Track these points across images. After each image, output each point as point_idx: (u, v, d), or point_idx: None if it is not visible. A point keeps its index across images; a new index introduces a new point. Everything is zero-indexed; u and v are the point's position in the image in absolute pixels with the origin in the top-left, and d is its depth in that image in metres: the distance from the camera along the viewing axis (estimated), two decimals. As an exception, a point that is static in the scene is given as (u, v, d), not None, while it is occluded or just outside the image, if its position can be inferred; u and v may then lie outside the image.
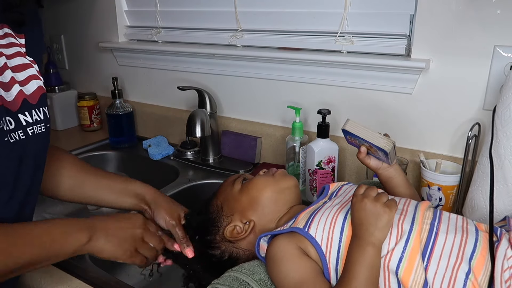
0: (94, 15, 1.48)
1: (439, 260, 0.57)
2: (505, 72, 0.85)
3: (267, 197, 0.74)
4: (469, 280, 0.55)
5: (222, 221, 0.75)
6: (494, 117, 0.76)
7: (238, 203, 0.75)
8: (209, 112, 1.19)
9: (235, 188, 0.77)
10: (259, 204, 0.74)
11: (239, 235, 0.73)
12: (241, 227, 0.73)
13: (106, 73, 1.51)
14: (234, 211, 0.74)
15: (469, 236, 0.59)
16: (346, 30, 1.02)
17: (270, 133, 1.20)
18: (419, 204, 0.66)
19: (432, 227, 0.61)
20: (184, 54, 1.28)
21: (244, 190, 0.76)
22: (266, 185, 0.75)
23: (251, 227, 0.72)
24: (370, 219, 0.60)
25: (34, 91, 0.65)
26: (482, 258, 0.57)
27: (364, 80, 1.01)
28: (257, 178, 0.77)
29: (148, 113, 1.45)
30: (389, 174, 0.78)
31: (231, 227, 0.73)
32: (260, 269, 0.66)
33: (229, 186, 0.78)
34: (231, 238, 0.73)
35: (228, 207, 0.75)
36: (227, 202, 0.76)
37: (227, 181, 0.80)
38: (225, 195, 0.77)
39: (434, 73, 0.94)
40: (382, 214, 0.60)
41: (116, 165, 1.40)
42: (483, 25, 0.86)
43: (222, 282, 0.62)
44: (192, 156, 1.27)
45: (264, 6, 1.14)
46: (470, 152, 0.88)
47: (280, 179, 0.76)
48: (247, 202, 0.74)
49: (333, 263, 0.62)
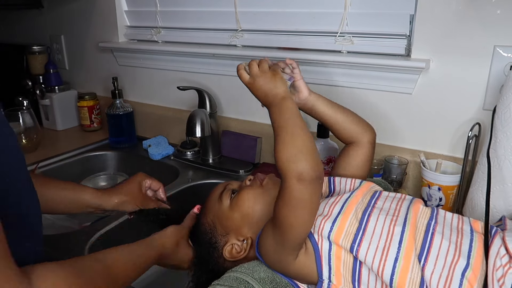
0: (94, 15, 1.48)
1: (436, 259, 0.57)
2: (505, 72, 0.85)
3: (259, 210, 0.71)
4: (465, 278, 0.55)
5: (219, 241, 0.72)
6: (494, 117, 0.76)
7: (230, 221, 0.72)
8: (209, 112, 1.19)
9: (224, 205, 0.73)
10: (252, 219, 0.71)
11: (239, 254, 0.70)
12: (239, 245, 0.71)
13: (106, 73, 1.51)
14: (229, 230, 0.72)
15: (464, 237, 0.60)
16: (346, 30, 1.02)
17: (270, 133, 1.18)
18: (412, 204, 0.66)
19: (429, 227, 0.61)
20: (184, 54, 1.28)
21: (234, 207, 0.72)
22: (256, 199, 0.72)
23: (249, 245, 0.70)
24: (269, 87, 0.69)
25: None
26: (478, 258, 0.57)
27: (364, 80, 1.01)
28: (245, 191, 0.73)
29: (148, 113, 1.45)
30: (308, 103, 0.80)
31: (229, 247, 0.71)
32: (259, 268, 0.66)
33: (216, 202, 0.74)
34: (231, 258, 0.71)
35: (221, 225, 0.72)
36: (218, 220, 0.73)
37: (213, 195, 0.76)
38: (214, 213, 0.74)
39: (434, 73, 0.94)
40: (273, 77, 0.70)
41: (116, 165, 1.40)
42: (483, 25, 0.86)
43: (222, 283, 0.62)
44: (192, 156, 1.27)
45: (264, 6, 1.14)
46: (470, 152, 0.88)
47: (269, 188, 0.73)
48: (240, 219, 0.71)
49: (325, 250, 0.62)
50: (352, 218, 0.63)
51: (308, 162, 0.59)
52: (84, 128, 1.56)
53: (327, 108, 0.80)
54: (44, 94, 1.53)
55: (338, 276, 0.61)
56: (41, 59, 1.62)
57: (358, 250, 0.59)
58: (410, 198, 0.69)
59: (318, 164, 0.60)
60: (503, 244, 0.57)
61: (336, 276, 0.61)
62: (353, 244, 0.60)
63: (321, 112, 0.80)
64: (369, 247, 0.59)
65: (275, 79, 0.70)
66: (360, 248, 0.59)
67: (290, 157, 0.59)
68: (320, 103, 0.80)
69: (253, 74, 0.72)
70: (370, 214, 0.63)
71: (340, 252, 0.61)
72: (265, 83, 0.70)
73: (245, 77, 0.73)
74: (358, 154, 0.80)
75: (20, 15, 1.73)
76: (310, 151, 0.60)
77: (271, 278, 0.64)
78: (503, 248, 0.57)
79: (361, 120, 0.82)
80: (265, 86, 0.70)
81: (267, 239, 0.64)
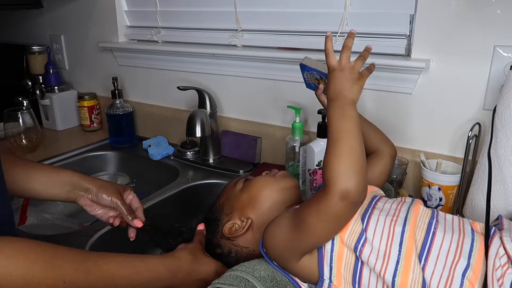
0: (94, 15, 1.48)
1: (436, 259, 0.57)
2: (505, 72, 0.85)
3: (266, 195, 0.75)
4: (466, 279, 0.55)
5: (222, 219, 0.77)
6: (494, 117, 0.76)
7: (238, 202, 0.77)
8: (209, 112, 1.19)
9: (237, 188, 0.79)
10: (257, 202, 0.75)
11: (237, 231, 0.74)
12: (239, 224, 0.74)
13: (106, 73, 1.51)
14: (234, 209, 0.76)
15: (466, 236, 0.59)
16: (346, 30, 1.02)
17: (270, 133, 1.20)
18: (412, 205, 0.66)
19: (430, 226, 0.61)
20: (184, 54, 1.28)
21: (244, 189, 0.78)
22: (265, 184, 0.77)
23: (249, 224, 0.73)
24: (346, 86, 0.66)
25: None
26: (479, 258, 0.57)
27: (364, 80, 1.01)
28: (258, 178, 0.79)
29: (148, 113, 1.45)
30: None
31: (230, 224, 0.75)
32: (260, 267, 0.66)
33: (231, 186, 0.81)
34: (229, 234, 0.74)
35: (228, 205, 0.78)
36: (228, 201, 0.78)
37: (231, 182, 0.83)
38: (227, 195, 0.80)
39: (434, 73, 0.94)
40: (356, 81, 0.67)
41: (116, 165, 1.40)
42: (483, 25, 0.86)
43: (223, 282, 0.62)
44: (192, 156, 1.27)
45: (264, 6, 1.14)
46: (471, 152, 0.88)
47: (280, 180, 0.78)
48: (247, 200, 0.76)
49: (328, 250, 0.62)
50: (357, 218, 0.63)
51: (359, 183, 0.56)
52: (84, 128, 1.56)
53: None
54: (44, 94, 1.53)
55: (338, 277, 0.61)
56: (41, 59, 1.62)
57: (361, 250, 0.59)
58: (410, 200, 0.69)
59: (365, 187, 0.58)
60: (502, 244, 0.57)
61: (336, 277, 0.61)
62: (357, 244, 0.60)
63: None
64: (372, 249, 0.59)
65: (357, 84, 0.67)
66: (363, 249, 0.60)
67: (342, 172, 0.57)
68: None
69: (342, 63, 0.68)
70: (371, 216, 0.63)
71: (342, 252, 0.61)
72: (344, 80, 0.67)
73: (332, 60, 0.69)
74: (378, 164, 0.81)
75: (20, 15, 1.73)
76: (363, 172, 0.58)
77: (271, 276, 0.65)
78: (502, 248, 0.57)
79: (381, 131, 0.84)
80: (343, 82, 0.67)
81: (280, 233, 0.64)
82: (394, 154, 0.84)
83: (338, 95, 0.66)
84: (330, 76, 0.68)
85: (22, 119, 1.34)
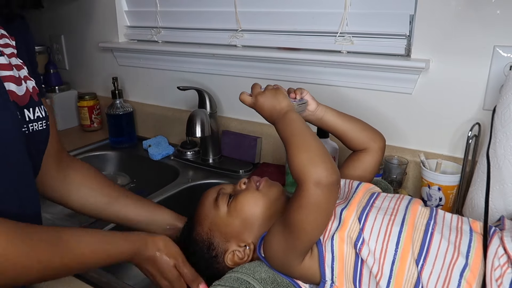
0: (94, 15, 1.48)
1: (434, 260, 0.57)
2: (505, 72, 0.85)
3: (260, 214, 0.69)
4: (463, 279, 0.55)
5: (218, 249, 0.70)
6: (494, 117, 0.76)
7: (230, 228, 0.70)
8: (209, 112, 1.19)
9: (222, 211, 0.71)
10: (253, 224, 0.69)
11: (242, 260, 0.69)
12: (241, 251, 0.70)
13: (106, 73, 1.51)
14: (229, 237, 0.70)
15: (463, 236, 0.60)
16: (346, 30, 1.02)
17: (270, 133, 1.20)
18: (410, 204, 0.66)
19: (428, 227, 0.61)
20: (184, 54, 1.28)
21: (233, 213, 0.70)
22: (255, 202, 0.70)
23: (252, 251, 0.69)
24: (272, 104, 0.70)
25: (33, 89, 0.65)
26: (477, 258, 0.57)
27: (364, 80, 1.01)
28: (243, 196, 0.71)
29: (148, 113, 1.45)
30: (317, 115, 0.79)
31: (231, 254, 0.70)
32: (260, 269, 0.66)
33: (212, 208, 0.72)
34: (233, 265, 0.69)
35: (220, 233, 0.70)
36: (217, 227, 0.71)
37: (207, 201, 0.74)
38: (211, 220, 0.71)
39: (434, 73, 0.94)
40: (275, 94, 0.71)
41: (116, 165, 1.40)
42: (483, 25, 0.86)
43: (223, 283, 0.62)
44: (192, 156, 1.27)
45: (264, 6, 1.14)
46: (470, 152, 0.88)
47: (267, 192, 0.72)
48: (240, 224, 0.70)
49: (328, 258, 0.62)
50: (354, 217, 0.63)
51: (326, 166, 0.58)
52: (84, 128, 1.56)
53: (336, 118, 0.79)
54: (44, 94, 1.53)
55: (340, 277, 0.61)
56: (41, 59, 1.62)
57: (361, 249, 0.60)
58: (408, 198, 0.69)
59: (335, 168, 0.59)
60: (501, 244, 0.58)
61: (338, 277, 0.61)
62: (356, 242, 0.60)
63: (331, 122, 0.79)
64: (369, 251, 0.59)
65: (277, 94, 0.71)
66: (362, 247, 0.60)
67: (307, 162, 0.58)
68: (329, 114, 0.79)
69: (254, 93, 0.73)
70: (368, 214, 0.64)
71: (343, 251, 0.61)
72: (267, 100, 0.71)
73: (247, 99, 0.74)
74: (368, 160, 0.80)
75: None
76: (326, 155, 0.60)
77: (272, 278, 0.65)
78: (501, 248, 0.57)
79: (370, 127, 0.82)
80: (268, 103, 0.71)
81: (276, 242, 0.64)
82: (383, 147, 0.81)
83: (273, 116, 0.70)
84: (256, 108, 0.73)
85: (22, 119, 1.33)
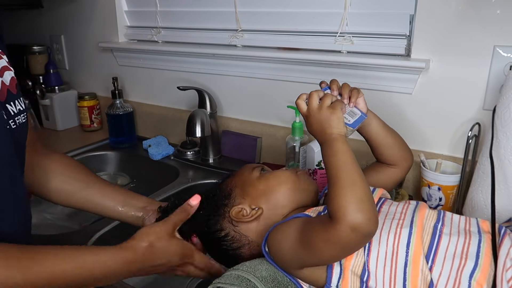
0: (94, 15, 1.48)
1: (443, 261, 0.57)
2: (505, 72, 0.85)
3: (284, 191, 0.72)
4: (473, 280, 0.55)
5: (231, 200, 0.73)
6: (494, 117, 0.76)
7: (252, 188, 0.73)
8: (209, 112, 1.19)
9: (254, 175, 0.75)
10: (273, 195, 0.72)
11: (244, 217, 0.71)
12: (248, 211, 0.71)
13: (106, 73, 1.51)
14: (246, 195, 0.73)
15: (472, 238, 0.59)
16: (346, 30, 1.02)
17: (270, 133, 1.20)
18: (418, 208, 0.66)
19: (436, 230, 0.61)
20: (184, 54, 1.28)
21: (263, 179, 0.74)
22: (287, 181, 0.73)
23: (258, 214, 0.71)
24: (323, 126, 0.66)
25: (11, 81, 0.63)
26: (487, 259, 0.56)
27: (364, 80, 1.01)
28: (280, 171, 0.76)
29: (148, 113, 1.45)
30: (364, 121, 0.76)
31: (238, 208, 0.71)
32: (261, 267, 0.66)
33: (247, 170, 0.77)
34: (235, 218, 0.71)
35: (241, 189, 0.74)
36: (241, 184, 0.75)
37: (246, 166, 0.79)
38: (241, 178, 0.76)
39: (434, 73, 0.94)
40: (330, 116, 0.66)
41: (116, 165, 1.40)
42: (483, 25, 0.86)
43: (223, 281, 0.62)
44: (192, 156, 1.27)
45: (264, 6, 1.14)
46: (470, 152, 0.88)
47: (303, 180, 0.75)
48: (263, 190, 0.73)
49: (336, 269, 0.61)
50: None
51: (369, 215, 0.55)
52: (84, 128, 1.56)
53: (380, 130, 0.77)
54: (44, 94, 1.54)
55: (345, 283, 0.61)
56: (41, 59, 1.62)
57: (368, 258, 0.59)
58: (415, 203, 0.69)
59: (376, 218, 0.57)
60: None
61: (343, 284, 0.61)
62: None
63: (374, 133, 0.77)
64: (378, 255, 0.59)
65: (332, 118, 0.66)
66: (370, 255, 0.59)
67: (351, 203, 0.56)
68: (375, 124, 0.77)
69: (310, 108, 0.69)
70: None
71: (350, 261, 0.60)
72: (320, 120, 0.67)
73: (303, 108, 0.70)
74: (393, 175, 0.79)
75: (20, 15, 1.73)
76: (372, 201, 0.57)
77: (273, 276, 0.64)
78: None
79: (406, 145, 0.79)
80: (319, 123, 0.67)
81: (286, 246, 0.63)
82: (411, 165, 0.80)
83: (322, 137, 0.66)
84: (306, 121, 0.70)
85: (22, 119, 1.33)
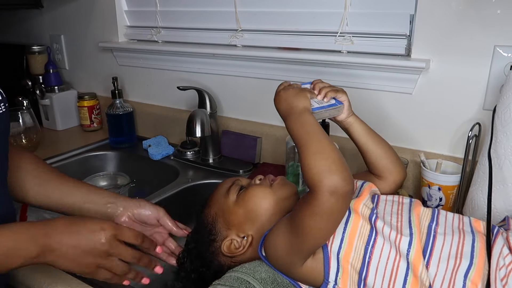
0: (94, 15, 1.48)
1: (438, 262, 0.57)
2: (505, 72, 0.85)
3: (265, 209, 0.70)
4: (468, 279, 0.55)
5: (218, 234, 0.71)
6: (494, 117, 0.76)
7: (234, 216, 0.70)
8: (209, 112, 1.19)
9: (230, 199, 0.72)
10: (257, 217, 0.69)
11: (237, 250, 0.69)
12: (239, 242, 0.69)
13: (106, 73, 1.51)
14: (231, 225, 0.70)
15: (466, 237, 0.60)
16: (346, 30, 1.02)
17: (270, 133, 1.20)
18: (412, 207, 0.66)
19: (430, 230, 0.61)
20: (184, 54, 1.28)
21: (240, 202, 0.71)
22: (263, 196, 0.70)
23: (249, 243, 0.69)
24: (291, 100, 0.68)
25: None
26: (481, 258, 0.57)
27: (364, 80, 1.01)
28: (253, 188, 0.72)
29: (148, 113, 1.45)
30: (345, 124, 0.78)
31: (228, 242, 0.70)
32: (261, 269, 0.66)
33: (222, 195, 0.73)
34: (229, 253, 0.70)
35: (224, 219, 0.71)
36: (221, 213, 0.72)
37: (221, 188, 0.75)
38: (219, 206, 0.73)
39: (434, 73, 0.94)
40: (298, 92, 0.69)
41: (116, 165, 1.40)
42: (483, 25, 0.86)
43: (223, 283, 0.62)
44: (192, 156, 1.27)
45: (264, 6, 1.14)
46: (471, 152, 0.88)
47: (278, 189, 0.72)
48: (244, 215, 0.70)
49: (334, 251, 0.61)
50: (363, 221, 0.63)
51: (343, 175, 0.56)
52: (84, 128, 1.56)
53: (361, 134, 0.77)
54: (44, 94, 1.53)
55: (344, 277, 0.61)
56: (41, 59, 1.62)
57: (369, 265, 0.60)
58: (408, 201, 0.69)
59: (351, 177, 0.57)
60: (507, 243, 0.57)
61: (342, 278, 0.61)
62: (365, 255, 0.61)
63: (354, 135, 0.78)
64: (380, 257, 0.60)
65: (300, 95, 0.69)
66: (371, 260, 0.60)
67: (324, 168, 0.57)
68: (355, 128, 0.77)
69: (279, 87, 0.72)
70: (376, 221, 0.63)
71: (349, 254, 0.61)
72: (288, 97, 0.69)
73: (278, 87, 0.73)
74: (380, 188, 0.77)
75: (20, 15, 1.73)
76: (343, 163, 0.58)
77: (272, 278, 0.64)
78: (506, 247, 0.57)
79: (392, 157, 0.77)
80: (286, 100, 0.69)
81: (280, 243, 0.63)
82: (399, 181, 0.77)
83: (289, 110, 0.67)
84: (275, 102, 0.71)
85: (22, 119, 1.34)
